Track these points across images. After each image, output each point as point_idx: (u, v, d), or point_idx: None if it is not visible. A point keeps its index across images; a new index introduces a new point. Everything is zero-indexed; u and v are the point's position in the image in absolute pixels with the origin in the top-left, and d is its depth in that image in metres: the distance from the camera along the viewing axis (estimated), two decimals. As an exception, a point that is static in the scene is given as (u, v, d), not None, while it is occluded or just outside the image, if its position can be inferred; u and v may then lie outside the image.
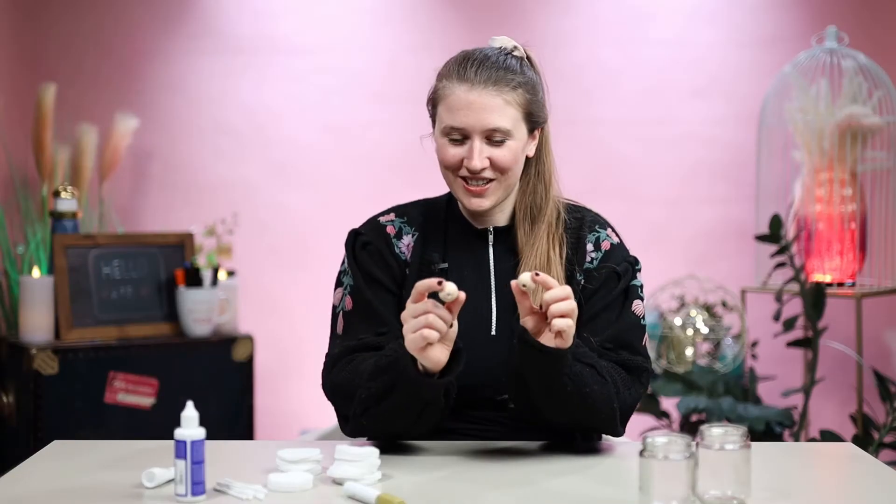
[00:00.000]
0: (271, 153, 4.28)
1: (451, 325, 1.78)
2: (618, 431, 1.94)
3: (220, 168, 4.27)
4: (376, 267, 2.02)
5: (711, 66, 4.31)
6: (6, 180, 3.91)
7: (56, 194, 3.54)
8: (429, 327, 1.75)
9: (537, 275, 1.75)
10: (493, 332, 1.99)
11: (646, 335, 2.03)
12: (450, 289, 1.76)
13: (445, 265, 2.02)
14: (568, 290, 1.76)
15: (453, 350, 1.83)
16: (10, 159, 3.87)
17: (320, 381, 2.02)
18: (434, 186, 2.15)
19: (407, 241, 2.05)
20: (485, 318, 2.00)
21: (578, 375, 1.82)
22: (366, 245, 2.04)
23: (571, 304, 1.76)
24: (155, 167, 4.26)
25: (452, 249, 2.04)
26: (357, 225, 2.09)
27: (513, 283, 1.78)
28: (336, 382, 1.96)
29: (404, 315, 1.79)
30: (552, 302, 1.75)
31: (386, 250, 2.03)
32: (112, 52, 4.23)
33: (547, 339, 1.78)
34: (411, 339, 1.77)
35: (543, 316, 1.78)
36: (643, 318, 2.02)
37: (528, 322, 1.80)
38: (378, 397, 1.85)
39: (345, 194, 4.25)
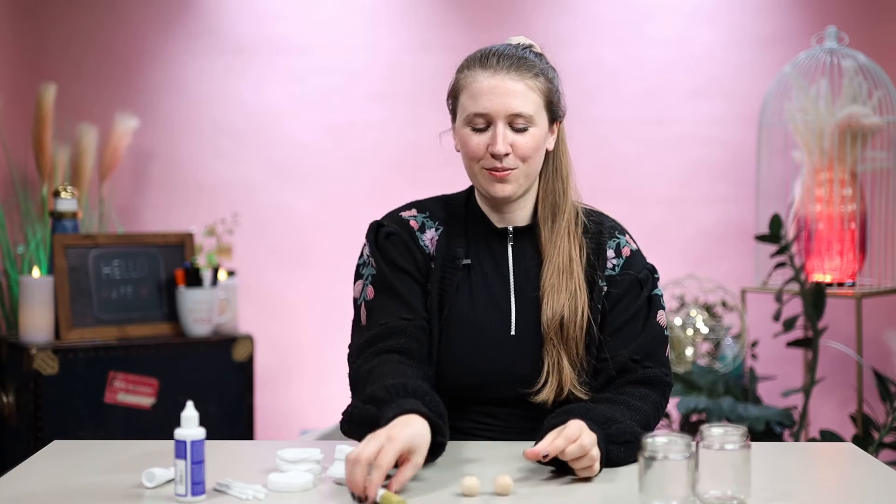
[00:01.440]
0: (271, 153, 4.28)
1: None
2: None
3: (220, 168, 4.27)
4: (401, 256, 2.01)
5: (711, 66, 4.31)
6: (6, 180, 3.91)
7: (56, 194, 3.54)
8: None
9: (545, 456, 1.72)
10: (513, 332, 1.99)
11: (668, 346, 2.04)
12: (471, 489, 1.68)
13: (468, 261, 2.02)
14: (585, 446, 1.72)
15: (436, 443, 1.76)
16: (10, 159, 3.87)
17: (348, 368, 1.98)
18: (434, 187, 2.16)
19: (430, 234, 2.04)
20: (504, 316, 2.00)
21: (616, 461, 1.83)
22: (390, 235, 2.02)
23: (591, 460, 1.74)
24: (155, 167, 4.26)
25: (473, 246, 2.04)
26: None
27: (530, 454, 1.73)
28: (357, 377, 1.92)
29: (357, 455, 1.62)
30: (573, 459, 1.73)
31: (411, 242, 2.02)
32: (112, 52, 4.23)
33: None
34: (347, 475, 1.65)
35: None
36: (666, 328, 2.04)
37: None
38: (359, 421, 1.81)
39: (345, 194, 4.25)
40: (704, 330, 3.81)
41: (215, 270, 3.63)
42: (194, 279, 3.58)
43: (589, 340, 1.98)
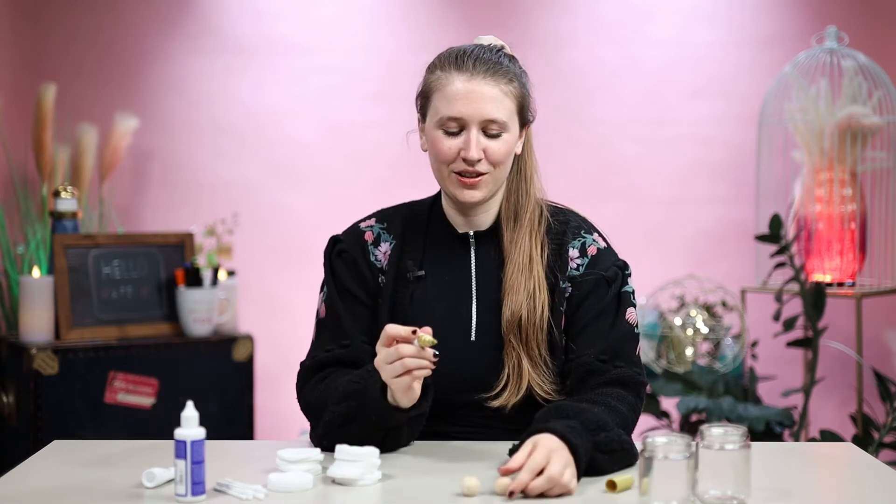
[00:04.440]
0: (271, 153, 4.28)
1: (424, 368, 1.81)
2: None
3: (220, 168, 4.27)
4: (349, 276, 2.04)
5: (711, 66, 4.31)
6: (6, 180, 3.91)
7: (56, 194, 3.54)
8: (412, 369, 1.79)
9: (511, 494, 1.66)
10: (473, 338, 1.99)
11: (639, 344, 2.01)
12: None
13: (422, 273, 2.02)
14: (553, 477, 1.66)
15: (424, 385, 1.87)
16: (10, 159, 3.87)
17: (295, 392, 2.05)
18: (433, 186, 2.15)
19: (384, 248, 2.05)
20: (465, 322, 2.00)
21: (601, 470, 1.79)
22: (341, 253, 2.06)
23: (562, 488, 1.67)
24: (155, 167, 4.26)
25: (432, 254, 2.04)
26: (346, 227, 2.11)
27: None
28: (308, 401, 2.00)
29: (378, 361, 1.82)
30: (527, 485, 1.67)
31: (361, 258, 2.05)
32: (112, 52, 4.23)
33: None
34: (388, 371, 1.81)
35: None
36: (637, 326, 2.01)
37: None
38: (341, 422, 1.88)
39: (345, 194, 4.25)
40: (704, 330, 3.81)
41: (215, 270, 3.63)
42: (194, 279, 3.58)
43: (552, 341, 1.96)
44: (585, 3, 4.32)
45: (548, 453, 1.68)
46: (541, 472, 1.66)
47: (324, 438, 1.91)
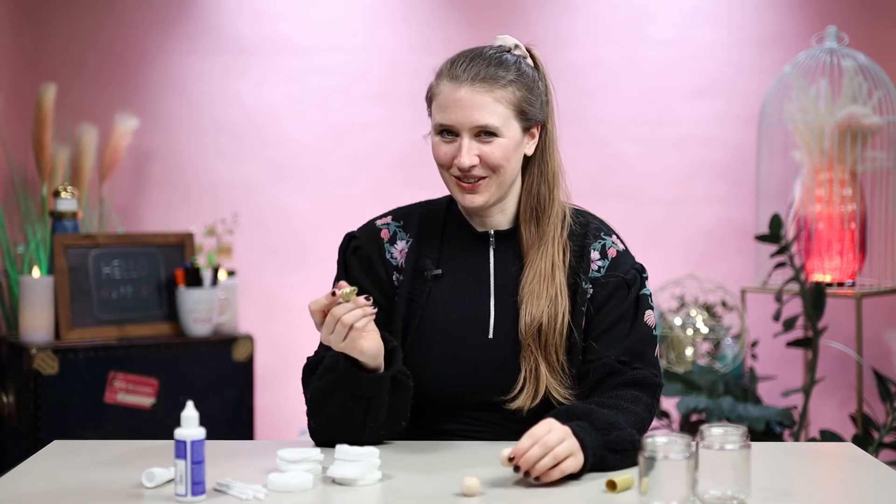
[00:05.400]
0: (271, 153, 4.28)
1: (365, 315, 1.83)
2: None
3: (220, 168, 4.27)
4: (363, 274, 2.03)
5: (711, 66, 4.31)
6: (6, 180, 3.91)
7: (56, 194, 3.54)
8: (352, 324, 1.81)
9: (511, 459, 1.71)
10: (490, 336, 1.99)
11: (657, 346, 2.02)
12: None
13: (439, 272, 2.02)
14: (548, 444, 1.71)
15: (390, 349, 1.90)
16: (10, 159, 3.87)
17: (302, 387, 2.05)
18: (434, 186, 2.16)
19: (401, 246, 2.05)
20: (482, 321, 1.99)
21: (611, 467, 1.81)
22: (356, 250, 2.05)
23: (553, 459, 1.71)
24: (155, 167, 4.26)
25: (449, 253, 2.04)
26: (356, 226, 2.10)
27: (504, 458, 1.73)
28: (311, 394, 2.00)
29: (323, 338, 1.85)
30: (530, 464, 1.71)
31: (376, 256, 2.04)
32: (112, 52, 4.23)
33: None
34: (334, 339, 1.83)
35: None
36: (654, 328, 2.02)
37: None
38: (323, 396, 1.91)
39: (345, 194, 4.25)
40: (704, 330, 3.81)
41: (215, 270, 3.64)
42: (194, 279, 3.58)
43: (570, 345, 1.97)
44: (585, 3, 4.32)
45: (562, 436, 1.72)
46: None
47: (311, 418, 1.94)
